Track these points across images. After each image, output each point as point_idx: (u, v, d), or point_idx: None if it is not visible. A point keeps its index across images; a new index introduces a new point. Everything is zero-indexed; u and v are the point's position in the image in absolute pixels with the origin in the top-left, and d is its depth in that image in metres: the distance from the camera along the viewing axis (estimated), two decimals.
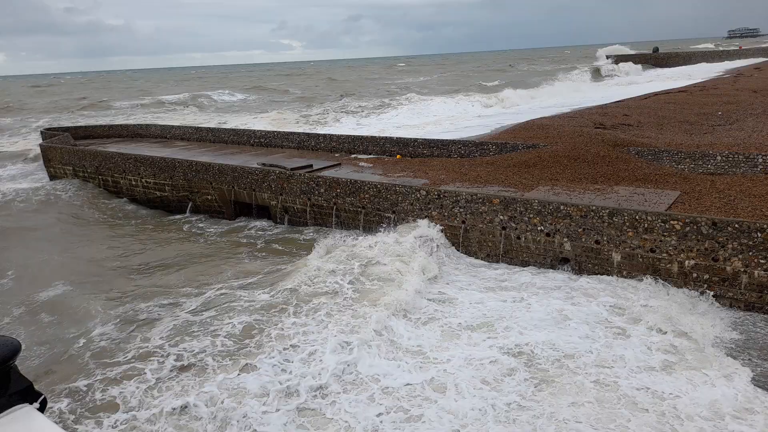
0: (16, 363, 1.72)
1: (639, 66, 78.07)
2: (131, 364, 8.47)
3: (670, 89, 39.04)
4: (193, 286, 11.65)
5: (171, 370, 8.21)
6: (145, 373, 8.14)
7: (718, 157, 14.53)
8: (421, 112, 40.30)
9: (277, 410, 7.21)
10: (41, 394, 1.75)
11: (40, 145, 24.99)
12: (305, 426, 7.01)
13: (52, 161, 23.65)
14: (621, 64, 76.80)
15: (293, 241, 14.45)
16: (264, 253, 13.76)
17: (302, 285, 10.76)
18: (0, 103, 67.02)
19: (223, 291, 11.08)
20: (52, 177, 23.99)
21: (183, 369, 8.25)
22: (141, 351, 8.87)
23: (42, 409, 1.72)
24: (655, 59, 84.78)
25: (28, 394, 1.71)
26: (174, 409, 7.14)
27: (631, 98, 34.04)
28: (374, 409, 7.25)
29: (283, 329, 9.15)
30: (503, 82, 60.89)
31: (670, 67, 78.04)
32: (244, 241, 14.95)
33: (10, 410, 1.64)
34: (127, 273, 12.99)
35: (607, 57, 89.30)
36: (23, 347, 1.82)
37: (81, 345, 9.32)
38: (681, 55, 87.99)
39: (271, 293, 10.56)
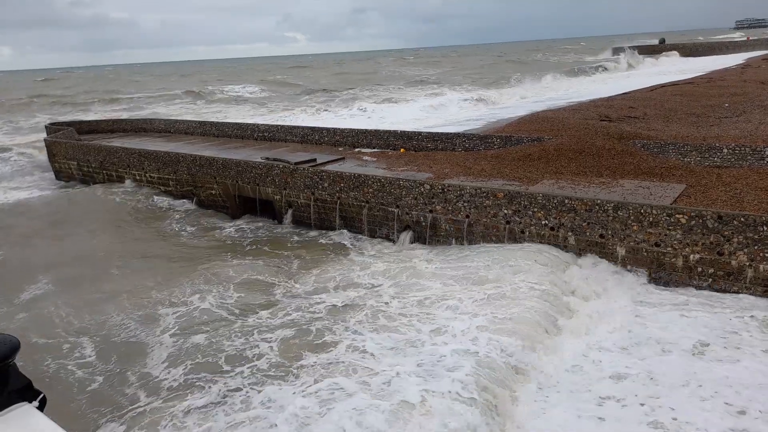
0: (15, 361, 1.71)
1: (675, 53, 77.88)
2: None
3: (677, 81, 38.73)
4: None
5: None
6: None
7: (725, 150, 14.41)
8: (438, 105, 39.72)
9: None
10: (41, 393, 1.74)
11: (45, 139, 25.06)
12: None
13: (57, 156, 23.72)
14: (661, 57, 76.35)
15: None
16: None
17: None
18: (14, 97, 65.65)
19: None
20: (57, 172, 24.07)
21: None
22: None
23: (41, 407, 1.70)
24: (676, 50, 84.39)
25: (27, 392, 1.71)
26: None
27: (637, 90, 33.79)
28: None
29: None
30: (518, 73, 60.48)
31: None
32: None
33: (9, 409, 1.64)
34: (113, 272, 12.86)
35: (631, 48, 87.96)
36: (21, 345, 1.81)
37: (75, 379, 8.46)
38: (688, 46, 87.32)
39: None
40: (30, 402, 1.70)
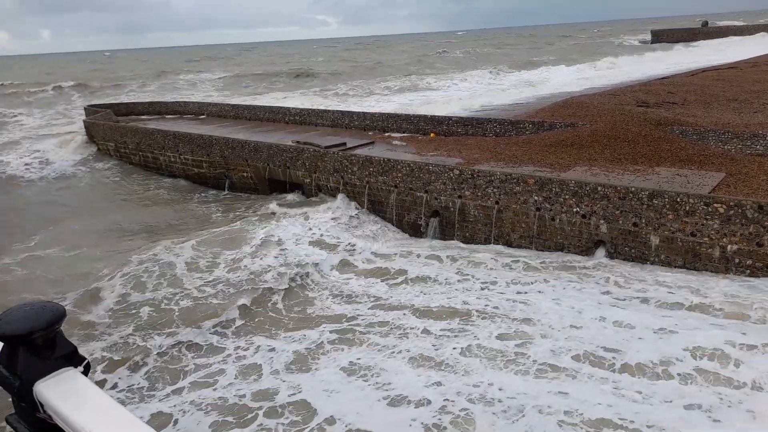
0: (61, 328, 1.81)
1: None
2: None
3: (719, 65, 37.32)
4: None
5: None
6: None
7: None
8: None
9: None
10: (85, 359, 1.84)
11: (84, 121, 25.77)
12: None
13: (95, 137, 24.38)
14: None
15: None
16: None
17: None
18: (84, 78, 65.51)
19: None
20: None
21: None
22: None
23: (86, 372, 1.81)
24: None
25: (72, 357, 1.80)
26: None
27: (676, 75, 32.71)
28: None
29: None
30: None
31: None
32: None
33: (56, 373, 1.73)
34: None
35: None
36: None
37: None
38: (732, 29, 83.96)
39: None
40: (75, 367, 1.79)
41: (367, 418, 7.10)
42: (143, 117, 28.10)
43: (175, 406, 7.61)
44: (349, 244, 12.85)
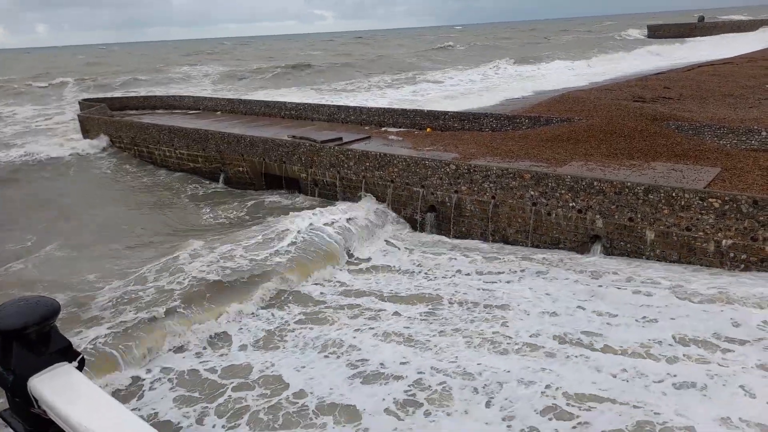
0: (55, 323, 1.81)
1: None
2: None
3: (714, 60, 37.38)
4: None
5: None
6: None
7: (764, 133, 13.92)
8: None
9: None
10: (80, 354, 1.84)
11: (78, 115, 25.62)
12: None
13: (90, 132, 24.24)
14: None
15: None
16: None
17: None
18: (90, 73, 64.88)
19: None
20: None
21: None
22: None
23: (80, 367, 1.81)
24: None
25: (67, 353, 1.80)
26: None
27: (672, 70, 32.76)
28: None
29: None
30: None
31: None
32: None
33: (51, 368, 1.74)
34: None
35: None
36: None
37: None
38: (729, 24, 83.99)
39: None
40: (70, 362, 1.79)
41: (340, 392, 7.19)
42: (138, 111, 27.97)
43: (146, 378, 7.86)
44: (345, 228, 12.91)
